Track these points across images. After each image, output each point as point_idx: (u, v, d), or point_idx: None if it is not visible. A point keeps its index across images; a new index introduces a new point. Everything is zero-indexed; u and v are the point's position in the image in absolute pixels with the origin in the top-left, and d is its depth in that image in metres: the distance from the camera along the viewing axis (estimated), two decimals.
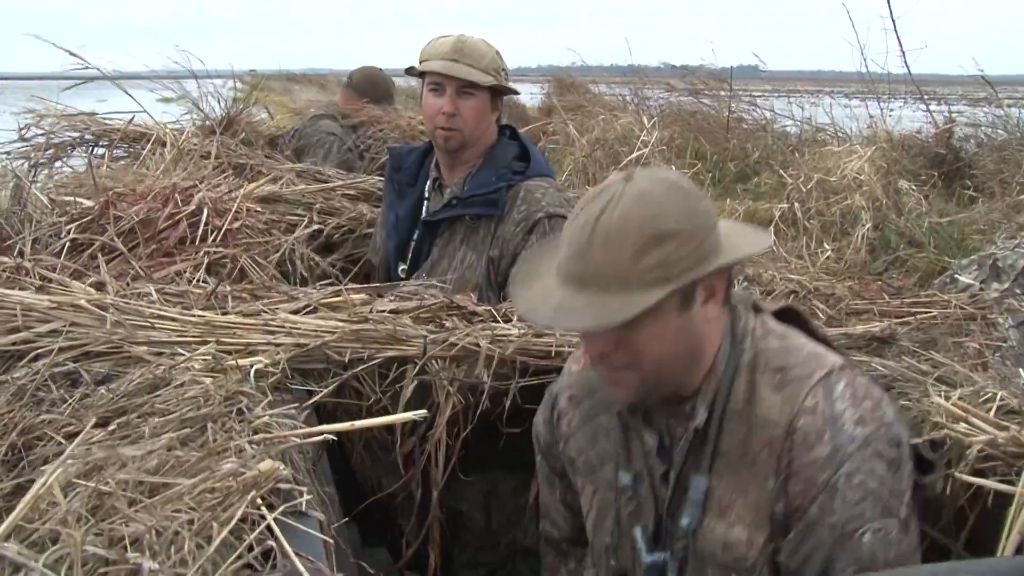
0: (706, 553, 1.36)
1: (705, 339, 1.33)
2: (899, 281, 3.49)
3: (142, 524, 0.99)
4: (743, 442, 1.33)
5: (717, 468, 1.34)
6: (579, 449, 1.51)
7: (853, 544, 1.27)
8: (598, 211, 1.22)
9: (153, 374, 1.54)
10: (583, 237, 1.23)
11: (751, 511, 1.33)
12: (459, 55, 2.28)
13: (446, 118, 2.29)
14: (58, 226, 2.10)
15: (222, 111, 3.84)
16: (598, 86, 10.72)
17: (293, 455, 1.33)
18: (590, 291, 1.22)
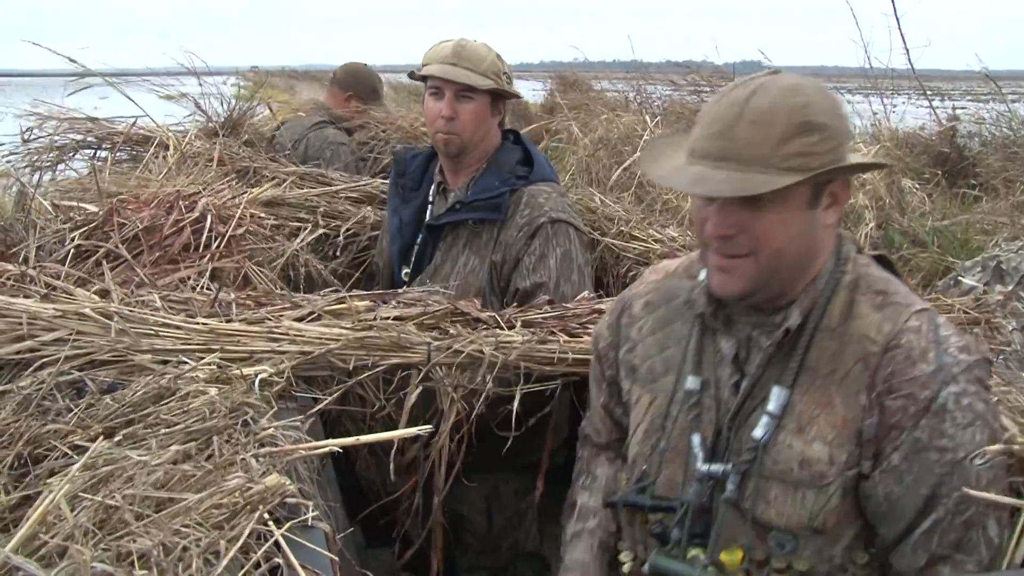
0: (778, 468, 1.33)
1: (819, 245, 1.35)
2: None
3: (150, 540, 0.99)
4: (832, 358, 1.32)
5: (801, 383, 1.33)
6: (645, 355, 1.52)
7: (965, 471, 1.25)
8: (748, 94, 1.26)
9: (158, 384, 1.54)
10: (730, 115, 1.26)
11: (834, 429, 1.31)
12: (458, 59, 2.29)
13: (445, 122, 2.30)
14: (62, 233, 2.10)
15: (225, 112, 3.83)
16: (600, 82, 10.70)
17: (298, 466, 1.34)
18: (730, 166, 1.25)
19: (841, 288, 1.35)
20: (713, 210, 1.30)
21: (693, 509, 1.37)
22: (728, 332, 1.42)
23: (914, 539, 1.29)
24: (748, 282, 1.32)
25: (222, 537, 0.98)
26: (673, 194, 4.15)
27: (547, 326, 1.94)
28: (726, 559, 1.32)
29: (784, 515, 1.32)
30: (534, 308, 2.04)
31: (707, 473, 1.38)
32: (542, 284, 2.20)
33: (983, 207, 4.50)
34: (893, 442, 1.29)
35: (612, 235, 2.79)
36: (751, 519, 1.34)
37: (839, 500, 1.31)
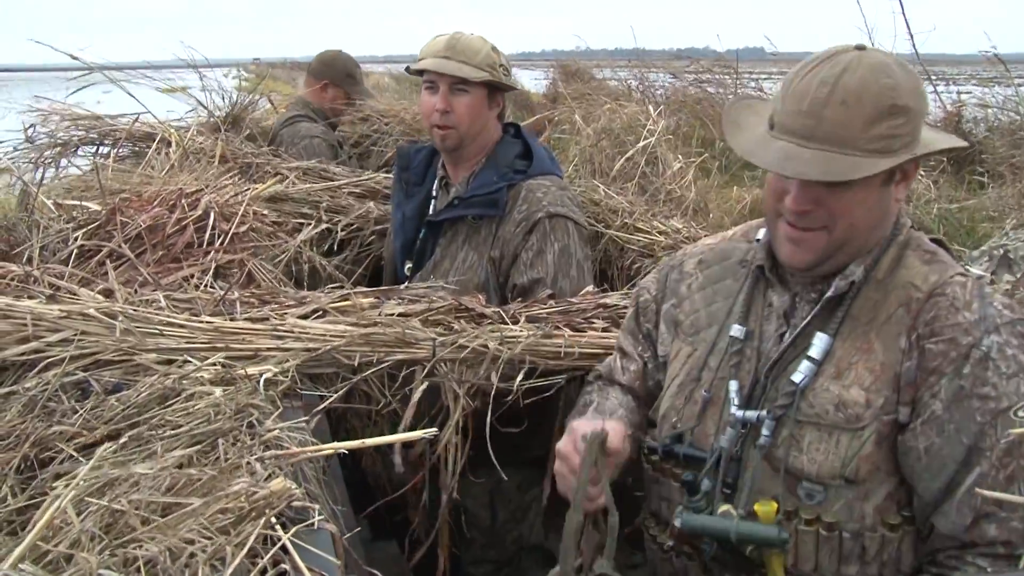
0: (815, 412, 1.35)
1: (889, 218, 1.40)
2: None
3: (156, 546, 0.99)
4: (875, 307, 1.37)
5: (843, 331, 1.37)
6: (691, 310, 1.56)
7: (1009, 422, 1.26)
8: (839, 72, 1.27)
9: (163, 384, 1.54)
10: (820, 94, 1.27)
11: (872, 374, 1.33)
12: (452, 52, 2.29)
13: (440, 115, 2.30)
14: (65, 233, 2.10)
15: (226, 107, 3.83)
16: (602, 71, 10.67)
17: (304, 467, 1.33)
18: (817, 146, 1.26)
19: (894, 244, 1.40)
20: (794, 185, 1.32)
21: (725, 457, 1.38)
22: (782, 286, 1.46)
23: (958, 497, 1.28)
24: (818, 254, 1.36)
25: (228, 543, 0.98)
26: (676, 184, 4.13)
27: (551, 321, 1.93)
28: (760, 511, 1.31)
29: (816, 462, 1.33)
30: (537, 303, 2.03)
31: (741, 419, 1.40)
32: (539, 280, 2.19)
33: (989, 193, 4.47)
34: (931, 388, 1.30)
35: (616, 227, 2.78)
36: (783, 468, 1.34)
37: (873, 446, 1.31)
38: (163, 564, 0.95)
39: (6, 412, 1.56)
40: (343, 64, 3.98)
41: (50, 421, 1.51)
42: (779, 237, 1.38)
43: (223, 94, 3.86)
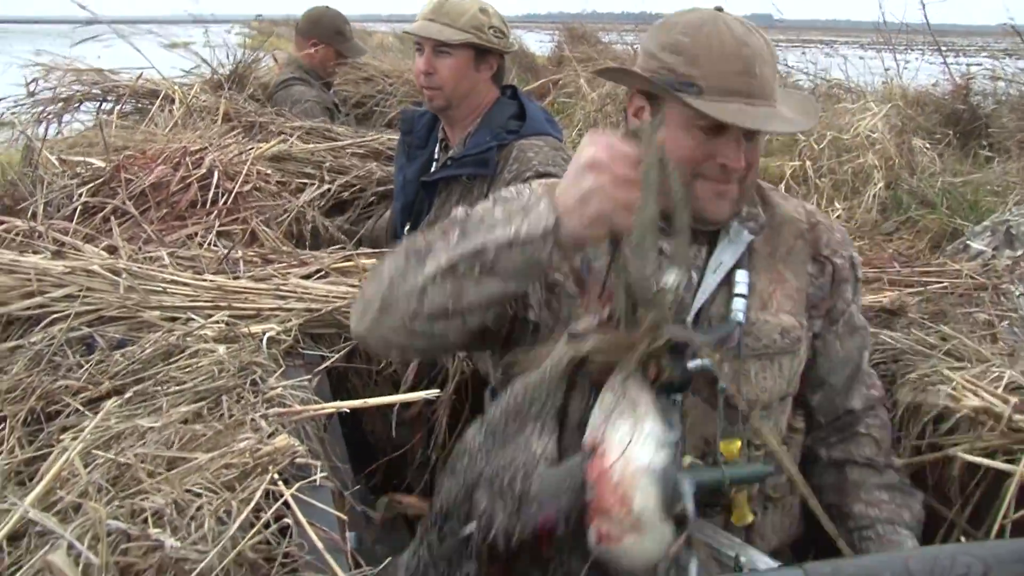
0: (762, 344, 1.40)
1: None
2: (908, 243, 3.48)
3: (162, 499, 1.01)
4: (772, 241, 1.46)
5: (754, 264, 1.43)
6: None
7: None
8: (744, 32, 1.32)
9: (167, 341, 1.56)
10: (746, 54, 1.31)
11: (790, 300, 1.44)
12: (436, 15, 2.31)
13: (424, 77, 2.32)
14: (69, 189, 2.10)
15: (230, 65, 3.80)
16: (608, 34, 10.56)
17: (306, 425, 1.36)
18: (761, 102, 1.32)
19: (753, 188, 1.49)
20: (734, 143, 1.34)
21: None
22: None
23: (862, 375, 1.53)
24: (737, 204, 1.42)
25: (234, 498, 1.00)
26: None
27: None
28: (726, 450, 1.36)
29: (767, 389, 1.41)
30: None
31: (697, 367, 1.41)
32: None
33: (995, 168, 4.45)
34: (844, 295, 1.50)
35: None
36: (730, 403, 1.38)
37: (802, 362, 1.46)
38: (169, 516, 0.98)
39: (12, 366, 1.58)
40: (331, 21, 3.86)
41: (56, 375, 1.54)
42: (703, 198, 1.37)
43: (227, 50, 3.84)
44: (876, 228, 3.82)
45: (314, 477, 1.11)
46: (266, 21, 15.78)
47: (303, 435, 1.31)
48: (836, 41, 13.93)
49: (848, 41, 14.33)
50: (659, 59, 1.34)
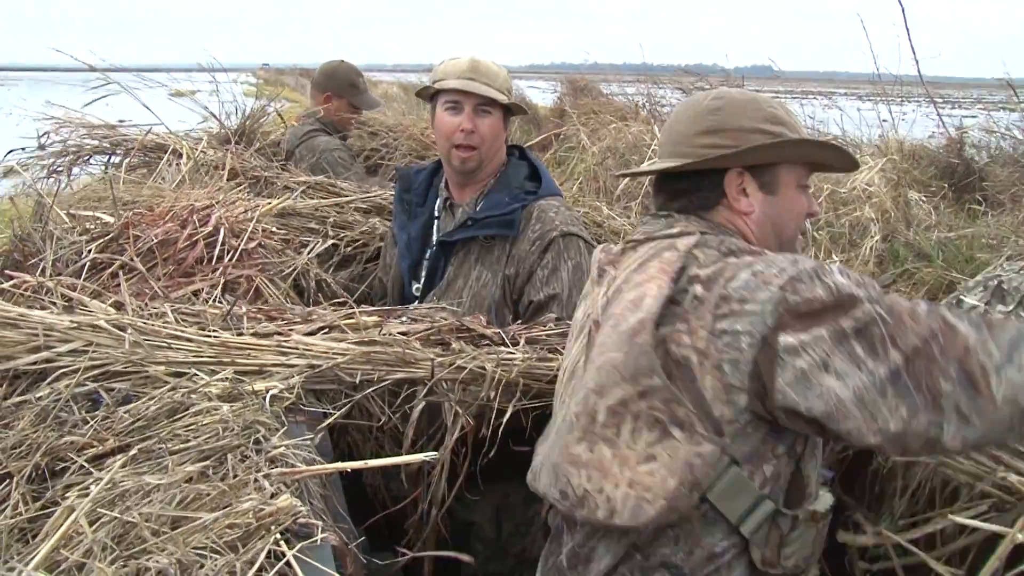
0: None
1: None
2: (905, 296, 3.50)
3: (166, 558, 1.03)
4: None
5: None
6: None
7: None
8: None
9: (172, 398, 1.58)
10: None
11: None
12: (476, 73, 2.34)
13: (464, 135, 2.33)
14: (79, 245, 2.15)
15: (237, 119, 3.88)
16: (610, 85, 10.70)
17: (308, 483, 1.38)
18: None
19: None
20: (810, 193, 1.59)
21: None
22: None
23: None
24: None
25: (238, 559, 1.02)
26: None
27: (549, 343, 1.98)
28: None
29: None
30: (538, 325, 2.07)
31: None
32: (555, 296, 2.25)
33: (988, 222, 4.50)
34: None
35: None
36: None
37: None
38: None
39: (18, 421, 1.60)
40: (345, 74, 3.98)
41: (61, 431, 1.56)
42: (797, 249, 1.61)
43: (236, 106, 3.91)
44: (874, 280, 3.86)
45: (316, 537, 1.13)
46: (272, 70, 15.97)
47: (305, 493, 1.34)
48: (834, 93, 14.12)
49: (846, 93, 14.52)
50: (767, 131, 1.48)
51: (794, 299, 1.25)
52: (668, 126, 1.59)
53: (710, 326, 1.28)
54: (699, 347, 1.28)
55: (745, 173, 1.49)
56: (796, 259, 1.32)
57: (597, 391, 1.35)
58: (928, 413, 1.21)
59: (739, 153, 1.46)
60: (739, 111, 1.49)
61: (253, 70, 23.89)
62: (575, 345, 1.52)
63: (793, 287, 1.27)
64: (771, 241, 1.52)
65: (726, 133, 1.48)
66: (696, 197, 1.51)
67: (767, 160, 1.48)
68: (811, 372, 1.23)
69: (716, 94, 1.54)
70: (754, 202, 1.50)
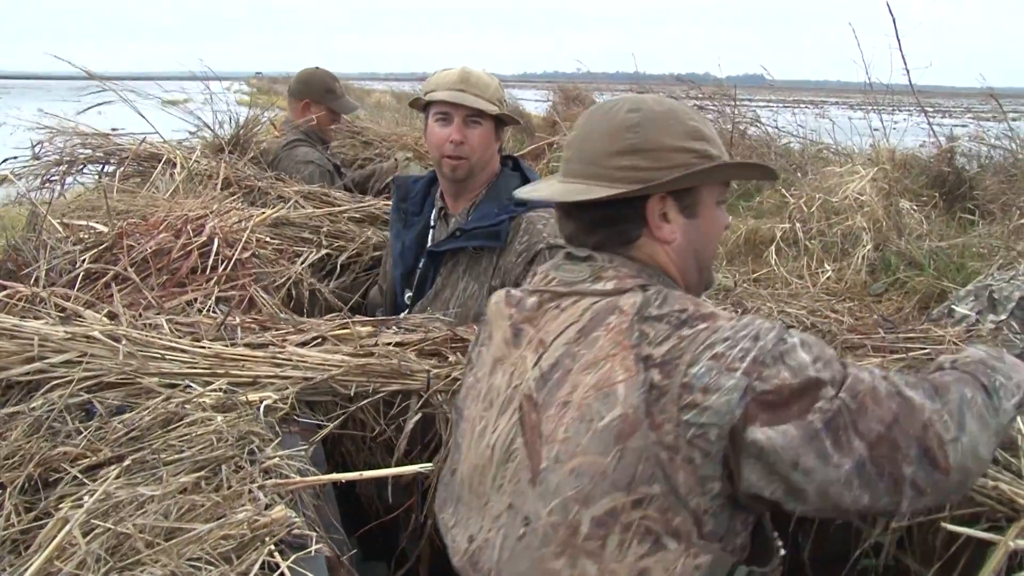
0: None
1: None
2: (897, 304, 3.53)
3: (160, 570, 1.03)
4: None
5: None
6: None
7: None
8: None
9: (165, 408, 1.58)
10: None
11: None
12: (466, 85, 2.35)
13: (454, 146, 2.35)
14: (72, 255, 2.15)
15: (231, 128, 3.88)
16: (603, 94, 10.74)
17: (302, 494, 1.38)
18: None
19: None
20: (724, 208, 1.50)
21: None
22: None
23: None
24: None
25: (232, 570, 1.03)
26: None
27: None
28: None
29: None
30: None
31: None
32: None
33: (979, 231, 4.53)
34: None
35: None
36: None
37: None
38: None
39: (11, 431, 1.60)
40: (321, 80, 3.94)
41: (55, 442, 1.56)
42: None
43: (230, 115, 3.92)
44: (865, 289, 3.88)
45: (310, 549, 1.14)
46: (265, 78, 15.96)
47: (299, 504, 1.34)
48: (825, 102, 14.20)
49: (837, 102, 14.60)
50: (691, 149, 1.35)
51: (761, 387, 1.17)
52: (578, 140, 1.41)
53: (675, 419, 1.17)
54: (667, 442, 1.17)
55: (667, 197, 1.36)
56: (755, 331, 1.21)
57: (580, 500, 1.20)
58: (888, 496, 1.19)
59: (671, 180, 1.33)
60: (660, 127, 1.34)
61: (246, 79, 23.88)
62: (502, 420, 1.32)
63: (759, 373, 1.17)
64: (691, 267, 1.42)
65: (648, 154, 1.33)
66: (616, 231, 1.37)
67: (693, 184, 1.36)
68: (779, 467, 1.17)
69: (631, 104, 1.38)
70: (676, 228, 1.37)
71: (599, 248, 1.38)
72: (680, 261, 1.39)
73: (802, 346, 1.21)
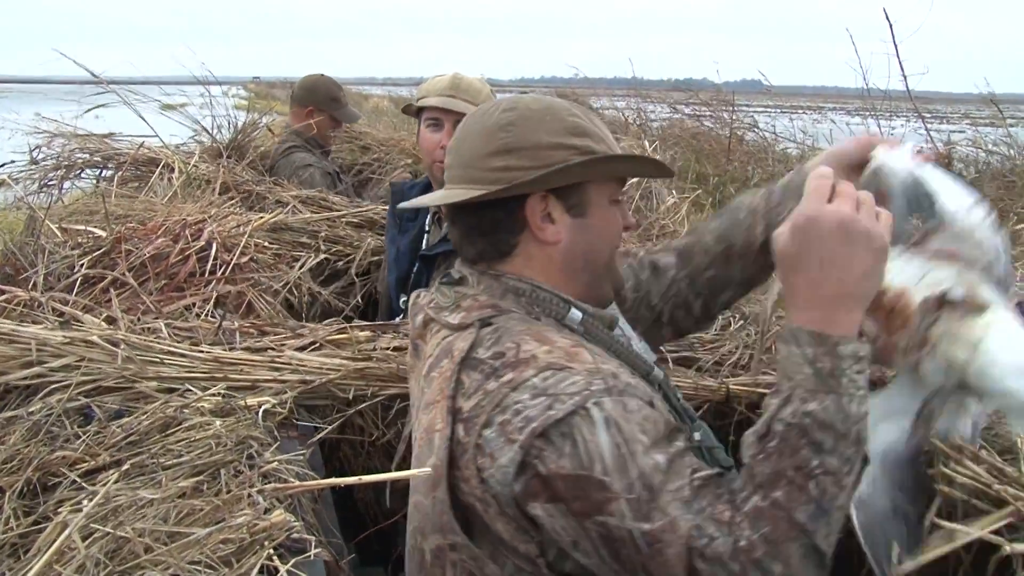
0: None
1: None
2: None
3: (160, 574, 1.04)
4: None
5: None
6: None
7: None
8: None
9: (164, 413, 1.59)
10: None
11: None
12: (456, 91, 2.37)
13: (444, 152, 2.36)
14: (71, 259, 2.15)
15: (229, 133, 3.89)
16: (600, 99, 10.76)
17: (300, 498, 1.38)
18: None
19: None
20: (624, 206, 1.40)
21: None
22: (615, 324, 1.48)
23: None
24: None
25: (231, 574, 1.03)
26: (670, 219, 4.20)
27: None
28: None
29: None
30: None
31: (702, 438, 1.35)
32: None
33: None
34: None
35: None
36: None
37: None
38: None
39: (10, 436, 1.60)
40: (326, 88, 3.93)
41: (53, 446, 1.56)
42: (619, 267, 1.43)
43: (228, 119, 3.93)
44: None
45: (308, 553, 1.14)
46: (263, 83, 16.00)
47: (298, 508, 1.34)
48: (823, 107, 14.24)
49: (835, 107, 14.65)
50: (569, 145, 1.28)
51: (537, 466, 1.09)
52: (456, 144, 1.37)
53: (477, 475, 1.14)
54: (477, 495, 1.14)
55: (549, 196, 1.29)
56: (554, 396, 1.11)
57: (420, 531, 1.23)
58: None
59: (541, 177, 1.26)
60: (535, 125, 1.28)
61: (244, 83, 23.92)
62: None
63: (538, 451, 1.09)
64: (581, 271, 1.34)
65: (522, 152, 1.27)
66: (492, 240, 1.31)
67: (573, 180, 1.29)
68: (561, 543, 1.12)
69: (508, 104, 1.33)
70: (561, 229, 1.30)
71: (478, 259, 1.34)
72: (567, 263, 1.33)
73: (606, 425, 1.08)
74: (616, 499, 1.06)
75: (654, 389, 1.31)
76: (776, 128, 7.80)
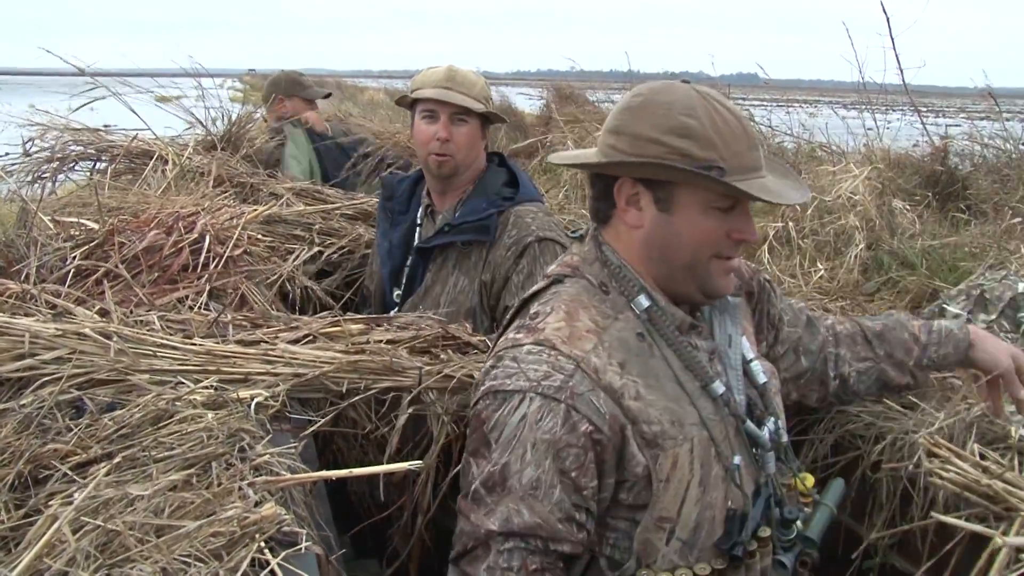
0: (775, 390, 1.54)
1: None
2: (889, 304, 3.54)
3: (150, 567, 1.03)
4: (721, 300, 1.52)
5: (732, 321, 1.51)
6: (659, 414, 1.34)
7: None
8: (733, 106, 1.37)
9: (156, 406, 1.58)
10: (744, 127, 1.36)
11: (752, 341, 1.57)
12: (452, 83, 2.36)
13: (440, 144, 2.36)
14: (63, 251, 2.14)
15: (223, 125, 3.88)
16: (596, 92, 10.73)
17: (292, 491, 1.38)
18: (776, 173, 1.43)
19: None
20: (744, 218, 1.39)
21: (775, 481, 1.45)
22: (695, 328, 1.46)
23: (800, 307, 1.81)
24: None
25: (221, 567, 1.03)
26: None
27: None
28: (802, 488, 1.49)
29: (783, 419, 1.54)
30: None
31: (770, 437, 1.45)
32: None
33: (971, 231, 4.55)
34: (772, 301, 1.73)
35: None
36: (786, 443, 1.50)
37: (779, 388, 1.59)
38: None
39: (1, 429, 1.60)
40: (287, 77, 4.36)
41: (45, 439, 1.55)
42: (716, 275, 1.41)
43: (222, 112, 3.91)
44: (858, 288, 3.90)
45: (300, 546, 1.14)
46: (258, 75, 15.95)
47: (290, 501, 1.34)
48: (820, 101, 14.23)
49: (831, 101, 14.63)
50: (666, 144, 1.30)
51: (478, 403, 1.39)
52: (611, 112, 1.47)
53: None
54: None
55: (639, 184, 1.35)
56: (523, 370, 1.33)
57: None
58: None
59: (626, 164, 1.33)
60: (646, 115, 1.33)
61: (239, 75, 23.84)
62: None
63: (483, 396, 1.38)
64: (658, 265, 1.38)
65: (623, 137, 1.34)
66: (599, 204, 1.42)
67: (659, 177, 1.33)
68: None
69: (644, 89, 1.38)
70: (645, 217, 1.36)
71: (593, 217, 1.47)
72: (645, 250, 1.40)
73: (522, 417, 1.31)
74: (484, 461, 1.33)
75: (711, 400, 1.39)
76: (772, 121, 7.78)
